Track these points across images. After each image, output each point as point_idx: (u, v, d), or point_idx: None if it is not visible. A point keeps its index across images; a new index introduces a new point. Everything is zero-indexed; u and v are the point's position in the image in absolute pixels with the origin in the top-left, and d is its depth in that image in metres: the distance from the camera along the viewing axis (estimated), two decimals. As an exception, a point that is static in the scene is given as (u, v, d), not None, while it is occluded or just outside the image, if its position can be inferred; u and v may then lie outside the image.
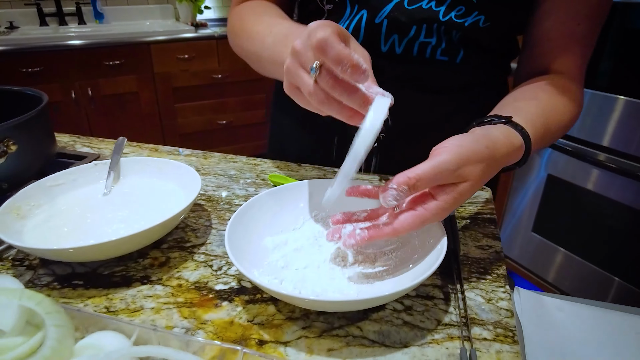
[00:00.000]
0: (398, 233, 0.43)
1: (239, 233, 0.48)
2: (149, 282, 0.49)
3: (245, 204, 0.52)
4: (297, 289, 0.44)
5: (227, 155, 0.82)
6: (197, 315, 0.44)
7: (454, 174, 0.43)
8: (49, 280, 0.50)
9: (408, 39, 0.65)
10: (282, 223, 0.55)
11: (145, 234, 0.48)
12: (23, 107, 0.70)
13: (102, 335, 0.33)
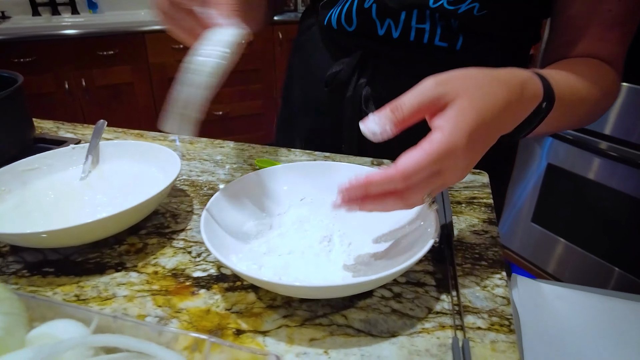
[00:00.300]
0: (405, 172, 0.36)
1: (218, 217, 0.45)
2: (123, 269, 0.46)
3: (226, 186, 0.49)
4: (277, 275, 0.42)
5: (214, 140, 0.79)
6: (171, 303, 0.42)
7: (437, 88, 0.37)
8: (17, 268, 0.47)
9: (402, 23, 0.62)
10: (266, 207, 0.52)
11: (119, 217, 0.45)
12: None
13: (57, 324, 0.30)
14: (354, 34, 0.67)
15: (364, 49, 0.67)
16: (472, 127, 0.36)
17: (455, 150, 0.35)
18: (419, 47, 0.63)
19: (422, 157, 0.35)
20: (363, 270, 0.43)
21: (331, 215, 0.51)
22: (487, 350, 0.37)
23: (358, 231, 0.49)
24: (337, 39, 0.70)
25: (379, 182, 0.37)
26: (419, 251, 0.39)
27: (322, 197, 0.54)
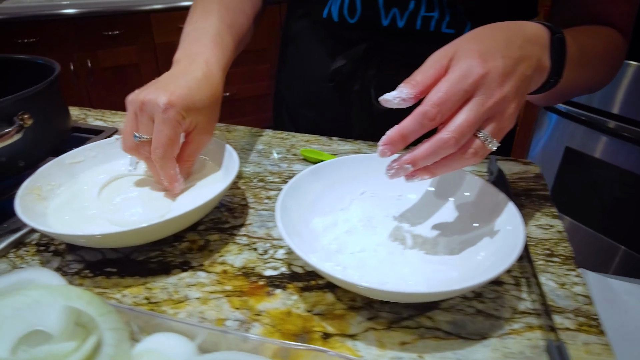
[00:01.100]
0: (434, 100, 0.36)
1: (288, 216, 0.43)
2: (190, 269, 0.45)
3: (290, 183, 0.47)
4: (362, 278, 0.40)
5: (252, 129, 0.76)
6: (249, 305, 0.40)
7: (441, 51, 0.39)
8: (79, 268, 0.45)
9: (409, 12, 0.59)
10: (328, 203, 0.50)
11: (186, 216, 0.43)
12: (33, 78, 0.65)
13: (161, 339, 0.29)
14: (355, 25, 0.64)
15: (367, 41, 0.65)
16: (476, 50, 0.37)
17: (470, 69, 0.36)
18: (426, 36, 0.62)
19: (443, 86, 0.36)
20: (444, 271, 0.42)
21: (396, 209, 0.50)
22: (581, 352, 0.36)
23: (428, 227, 0.47)
24: (337, 31, 0.67)
25: (412, 123, 0.36)
26: (507, 255, 0.38)
27: (383, 190, 0.52)
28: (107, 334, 0.26)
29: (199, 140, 0.52)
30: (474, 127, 0.36)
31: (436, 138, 0.36)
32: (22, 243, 0.49)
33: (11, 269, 0.45)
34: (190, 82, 0.49)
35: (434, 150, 0.37)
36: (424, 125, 0.36)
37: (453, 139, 0.36)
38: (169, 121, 0.46)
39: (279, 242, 0.48)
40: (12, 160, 0.52)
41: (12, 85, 0.65)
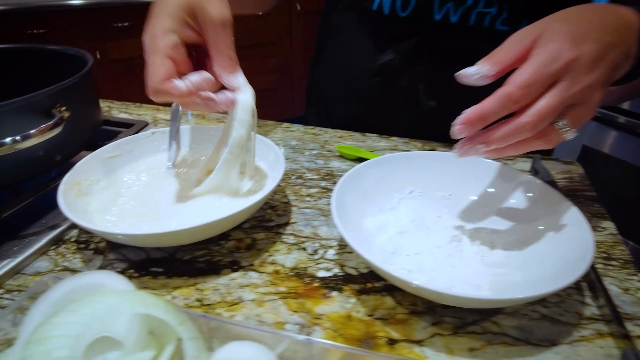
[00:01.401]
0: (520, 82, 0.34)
1: (345, 218, 0.42)
2: (240, 269, 0.43)
3: (340, 182, 0.45)
4: (429, 282, 0.39)
5: (282, 124, 0.74)
6: (307, 308, 0.39)
7: (523, 31, 0.37)
8: (123, 267, 0.44)
9: (465, 8, 0.58)
10: (377, 202, 0.48)
11: (237, 216, 0.42)
12: (64, 69, 0.63)
13: (240, 348, 0.27)
14: (406, 19, 0.63)
15: (417, 36, 0.63)
16: (567, 32, 0.35)
17: (560, 52, 0.34)
18: (479, 32, 0.60)
19: (531, 68, 0.34)
20: (506, 274, 0.40)
21: (448, 209, 0.48)
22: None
23: (482, 228, 0.46)
24: (386, 25, 0.65)
25: (494, 104, 0.35)
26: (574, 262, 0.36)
27: (431, 189, 0.50)
28: (188, 345, 0.24)
29: (214, 29, 0.44)
30: (555, 114, 0.35)
31: (515, 121, 0.35)
32: (62, 240, 0.47)
33: (53, 267, 0.44)
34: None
35: (511, 134, 0.35)
36: (506, 108, 0.35)
37: (532, 123, 0.35)
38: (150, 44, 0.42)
39: (327, 242, 0.47)
40: (49, 154, 0.50)
41: (40, 77, 0.64)
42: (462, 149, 0.38)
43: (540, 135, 0.36)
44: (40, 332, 0.22)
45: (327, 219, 0.50)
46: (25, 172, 0.49)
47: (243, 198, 0.49)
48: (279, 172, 0.47)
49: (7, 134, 0.45)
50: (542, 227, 0.44)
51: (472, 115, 0.35)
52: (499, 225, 0.46)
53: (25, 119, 0.47)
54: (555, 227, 0.42)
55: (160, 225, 0.45)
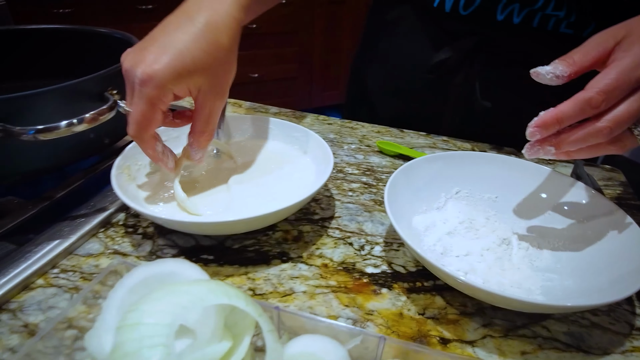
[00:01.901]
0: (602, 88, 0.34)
1: (397, 215, 0.42)
2: (289, 260, 0.43)
3: (392, 179, 0.45)
4: (486, 281, 0.39)
5: (319, 116, 0.74)
6: (358, 303, 0.39)
7: (606, 32, 0.36)
8: (173, 254, 0.44)
9: (531, 9, 0.57)
10: (424, 201, 0.48)
11: (290, 208, 0.42)
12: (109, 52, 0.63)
13: (313, 341, 0.27)
14: (467, 18, 0.62)
15: (477, 35, 0.62)
16: None
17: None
18: (541, 34, 0.59)
19: (614, 73, 0.33)
20: (557, 279, 0.40)
21: (495, 211, 0.48)
22: None
23: (531, 232, 0.46)
24: (445, 22, 0.65)
25: (573, 108, 0.34)
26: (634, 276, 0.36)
27: (477, 189, 0.50)
28: (267, 336, 0.25)
29: (210, 105, 0.43)
30: (633, 121, 0.34)
31: (591, 126, 0.35)
32: (110, 223, 0.48)
33: (104, 250, 0.44)
34: (183, 38, 0.39)
35: (585, 138, 0.35)
36: (584, 112, 0.34)
37: (608, 129, 0.34)
38: (145, 97, 0.39)
39: (373, 239, 0.47)
40: (99, 137, 0.50)
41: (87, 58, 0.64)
42: (533, 149, 0.38)
43: (614, 141, 0.36)
44: (132, 318, 0.22)
45: (370, 215, 0.50)
46: (76, 155, 0.49)
47: (291, 191, 0.49)
48: (327, 167, 0.47)
49: (60, 116, 0.45)
50: (590, 233, 0.44)
51: (547, 118, 0.35)
52: (546, 230, 0.46)
53: (78, 101, 0.47)
54: (606, 235, 0.42)
55: (211, 213, 0.46)
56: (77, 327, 0.31)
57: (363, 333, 0.27)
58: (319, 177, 0.48)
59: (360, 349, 0.28)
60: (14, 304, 0.38)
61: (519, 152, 0.66)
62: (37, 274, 0.41)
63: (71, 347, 0.31)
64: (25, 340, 0.35)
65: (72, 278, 0.41)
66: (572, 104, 0.34)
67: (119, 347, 0.21)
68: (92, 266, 0.42)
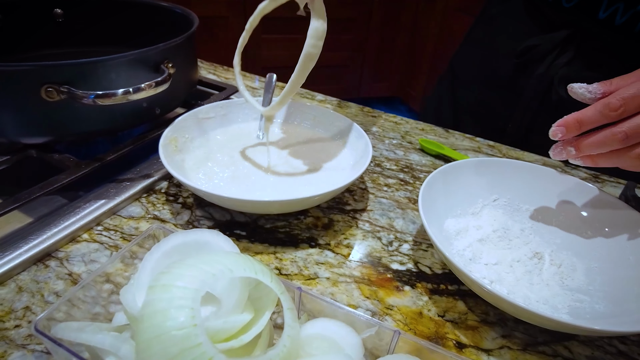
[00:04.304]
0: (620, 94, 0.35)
1: (426, 214, 0.42)
2: (317, 246, 0.44)
3: (429, 179, 0.45)
4: (508, 293, 0.38)
5: (364, 108, 0.75)
6: (379, 296, 0.40)
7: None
8: (209, 225, 0.46)
9: (636, 11, 0.54)
10: (459, 204, 0.48)
11: (325, 195, 0.43)
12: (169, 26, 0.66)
13: (329, 325, 0.28)
14: (569, 10, 0.61)
15: (575, 28, 0.61)
16: None
17: None
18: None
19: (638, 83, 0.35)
20: (588, 302, 0.39)
21: (532, 224, 0.47)
22: None
23: (567, 250, 0.45)
24: (544, 11, 0.64)
25: (594, 114, 0.36)
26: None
27: (516, 199, 0.49)
28: (287, 314, 0.26)
29: None
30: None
31: (607, 130, 0.36)
32: (152, 190, 0.51)
33: (145, 214, 0.47)
34: None
35: (601, 141, 0.36)
36: (603, 115, 0.36)
37: (623, 133, 0.35)
38: None
39: (403, 236, 0.47)
40: (151, 106, 0.53)
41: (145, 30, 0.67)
42: (557, 149, 0.39)
43: (632, 149, 0.36)
44: (164, 279, 0.24)
45: (403, 212, 0.50)
46: (129, 121, 0.52)
47: (326, 179, 0.50)
48: (365, 160, 0.47)
49: (120, 83, 0.48)
50: (631, 258, 0.42)
51: (569, 120, 0.37)
52: (583, 250, 0.44)
53: (137, 70, 0.50)
54: (646, 263, 0.41)
55: (248, 191, 0.47)
56: (113, 282, 0.33)
57: (379, 325, 0.28)
58: (356, 168, 0.48)
59: (374, 340, 0.29)
60: (61, 253, 0.41)
61: (566, 165, 0.64)
62: (84, 229, 0.44)
63: (107, 299, 0.33)
64: (68, 287, 0.38)
65: (113, 237, 0.44)
66: (593, 108, 0.36)
67: (150, 304, 0.23)
68: (132, 228, 0.45)
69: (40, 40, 0.68)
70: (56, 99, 0.45)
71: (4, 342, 0.33)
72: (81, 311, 0.31)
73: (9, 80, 0.43)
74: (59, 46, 0.69)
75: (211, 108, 0.56)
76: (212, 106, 0.56)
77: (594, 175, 0.62)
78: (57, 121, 0.47)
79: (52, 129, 0.47)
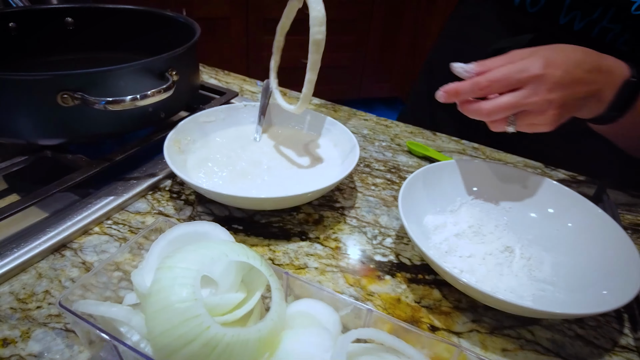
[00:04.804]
0: (489, 76, 0.45)
1: (406, 210, 0.46)
2: (308, 239, 0.49)
3: (410, 178, 0.49)
4: (478, 282, 0.43)
5: (357, 112, 0.79)
6: (362, 284, 0.44)
7: (523, 51, 0.46)
8: (209, 220, 0.50)
9: (591, 19, 0.59)
10: (439, 202, 0.52)
11: (317, 192, 0.47)
12: (172, 34, 0.70)
13: (312, 304, 0.33)
14: (533, 15, 0.66)
15: (537, 32, 0.65)
16: (545, 56, 0.44)
17: (531, 66, 0.43)
18: (598, 45, 0.61)
19: (506, 68, 0.44)
20: (551, 291, 0.44)
21: (506, 221, 0.51)
22: (680, 397, 0.38)
23: (536, 245, 0.49)
24: (510, 15, 0.69)
25: (467, 86, 0.45)
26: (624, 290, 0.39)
27: (493, 199, 0.53)
28: (274, 293, 0.30)
29: None
30: (509, 111, 0.44)
31: (478, 104, 0.45)
32: (157, 187, 0.55)
33: (150, 209, 0.51)
34: None
35: (473, 111, 0.46)
36: (473, 91, 0.45)
37: (487, 110, 0.45)
38: None
39: (387, 231, 0.51)
40: (156, 111, 0.57)
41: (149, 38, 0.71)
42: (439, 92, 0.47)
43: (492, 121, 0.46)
44: (169, 262, 0.28)
45: (388, 210, 0.55)
46: (136, 124, 0.56)
47: (317, 178, 0.54)
48: (352, 161, 0.52)
49: (128, 90, 0.52)
50: (594, 254, 0.46)
51: (450, 88, 0.46)
52: (551, 245, 0.48)
53: (143, 78, 0.54)
54: (608, 257, 0.45)
55: (245, 189, 0.52)
56: (122, 270, 0.37)
57: (354, 304, 0.32)
58: (344, 168, 0.53)
59: (352, 318, 0.33)
60: (75, 244, 0.45)
61: (546, 166, 0.67)
62: (95, 222, 0.48)
63: (117, 285, 0.37)
64: (82, 274, 0.42)
65: (122, 230, 0.48)
66: (467, 82, 0.45)
67: (157, 282, 0.27)
68: (139, 222, 0.49)
69: (51, 47, 0.72)
70: (70, 104, 0.49)
71: (28, 320, 0.37)
72: (94, 295, 0.35)
73: (28, 87, 0.48)
74: (68, 52, 0.74)
75: (212, 112, 0.60)
76: (212, 110, 0.60)
77: (571, 176, 0.66)
78: (71, 124, 0.51)
79: (67, 131, 0.52)
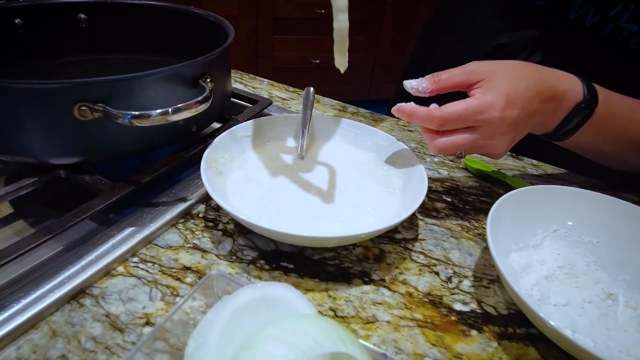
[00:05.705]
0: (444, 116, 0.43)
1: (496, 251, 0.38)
2: (371, 282, 0.41)
3: (495, 208, 0.42)
4: (592, 341, 0.35)
5: (399, 121, 0.71)
6: (445, 343, 0.36)
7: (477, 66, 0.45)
8: (253, 256, 0.43)
9: (605, 16, 0.53)
10: (520, 236, 0.45)
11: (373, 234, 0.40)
12: (198, 34, 0.62)
13: None
14: (540, 8, 0.59)
15: (545, 27, 0.59)
16: (506, 92, 0.42)
17: (490, 107, 0.42)
18: (609, 43, 0.56)
19: (460, 108, 0.42)
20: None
21: (597, 258, 0.44)
22: None
23: (636, 290, 0.41)
24: (515, 8, 0.62)
25: (421, 116, 0.44)
26: None
27: (576, 230, 0.46)
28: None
29: None
30: (460, 149, 0.44)
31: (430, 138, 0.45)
32: (190, 214, 0.47)
33: (184, 243, 0.44)
34: None
35: (427, 140, 0.45)
36: (427, 123, 0.44)
37: (437, 148, 0.44)
38: None
39: (461, 270, 0.44)
40: (188, 124, 0.49)
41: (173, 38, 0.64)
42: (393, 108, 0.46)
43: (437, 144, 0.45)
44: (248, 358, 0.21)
45: (458, 242, 0.47)
46: (164, 140, 0.49)
47: (375, 207, 0.46)
48: (420, 194, 0.44)
49: (157, 100, 0.44)
50: None
51: (406, 109, 0.45)
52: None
53: (174, 86, 0.46)
54: None
55: (296, 220, 0.44)
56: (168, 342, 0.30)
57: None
58: (407, 192, 0.45)
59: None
60: (96, 290, 0.38)
61: (620, 192, 0.60)
62: (118, 260, 0.41)
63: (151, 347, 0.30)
64: (107, 331, 0.34)
65: (151, 270, 0.40)
66: (424, 111, 0.43)
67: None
68: (171, 259, 0.42)
69: (62, 47, 0.65)
70: (89, 117, 0.42)
71: (45, 400, 0.30)
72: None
73: (39, 98, 0.40)
74: (81, 53, 0.66)
75: (249, 125, 0.52)
76: (249, 124, 0.53)
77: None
78: (88, 141, 0.44)
79: (84, 149, 0.44)
